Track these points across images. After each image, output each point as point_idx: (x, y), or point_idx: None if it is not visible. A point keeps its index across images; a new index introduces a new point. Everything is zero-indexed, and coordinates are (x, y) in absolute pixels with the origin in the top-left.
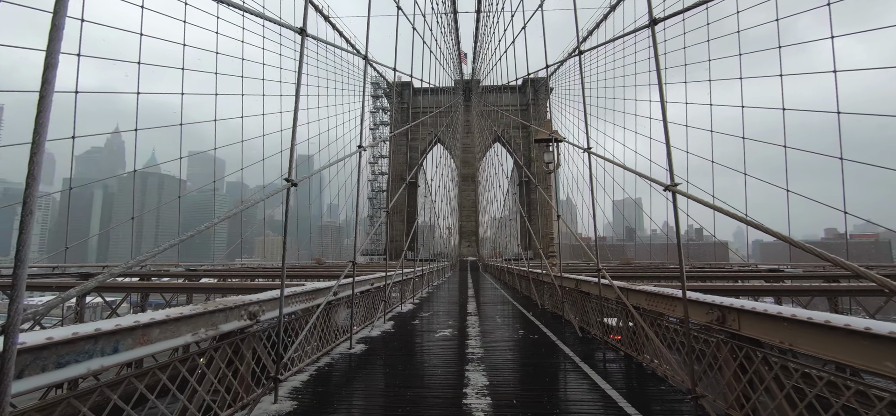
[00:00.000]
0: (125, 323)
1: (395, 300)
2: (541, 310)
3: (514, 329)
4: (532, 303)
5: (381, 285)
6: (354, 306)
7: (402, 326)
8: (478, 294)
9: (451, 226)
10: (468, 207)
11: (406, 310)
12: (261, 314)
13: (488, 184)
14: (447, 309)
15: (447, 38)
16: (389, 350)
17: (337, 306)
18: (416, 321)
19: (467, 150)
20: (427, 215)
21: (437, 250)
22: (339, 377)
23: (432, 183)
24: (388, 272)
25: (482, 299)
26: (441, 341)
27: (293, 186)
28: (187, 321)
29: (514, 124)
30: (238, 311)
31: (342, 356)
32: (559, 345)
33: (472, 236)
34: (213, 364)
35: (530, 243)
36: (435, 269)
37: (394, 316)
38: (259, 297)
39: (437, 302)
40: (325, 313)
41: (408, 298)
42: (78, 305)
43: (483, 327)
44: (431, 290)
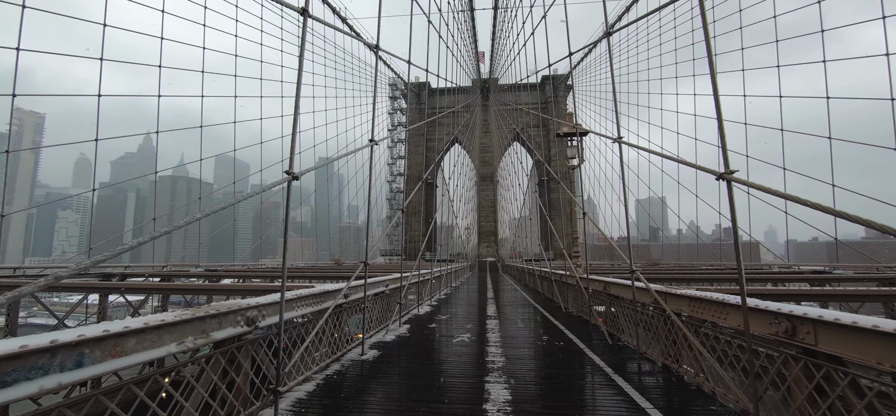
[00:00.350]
0: (91, 333)
1: (412, 303)
2: (565, 313)
3: (537, 335)
4: (555, 306)
5: (397, 286)
6: (367, 310)
7: (418, 330)
8: (497, 296)
9: (470, 226)
10: (487, 207)
11: (423, 312)
12: (260, 319)
13: (507, 183)
14: (466, 312)
15: (464, 36)
16: (403, 357)
17: (349, 310)
18: (433, 325)
19: (486, 149)
20: (445, 216)
21: (456, 251)
22: (348, 387)
23: (450, 181)
24: (403, 273)
25: (502, 300)
26: (459, 348)
27: (295, 179)
28: (171, 330)
29: (534, 122)
30: (233, 316)
31: (353, 363)
32: (587, 353)
33: (491, 237)
34: (204, 377)
35: (550, 243)
36: (453, 270)
37: (410, 319)
38: (258, 301)
39: (456, 304)
40: (336, 317)
41: (425, 299)
42: (100, 305)
43: (504, 332)
44: (450, 291)
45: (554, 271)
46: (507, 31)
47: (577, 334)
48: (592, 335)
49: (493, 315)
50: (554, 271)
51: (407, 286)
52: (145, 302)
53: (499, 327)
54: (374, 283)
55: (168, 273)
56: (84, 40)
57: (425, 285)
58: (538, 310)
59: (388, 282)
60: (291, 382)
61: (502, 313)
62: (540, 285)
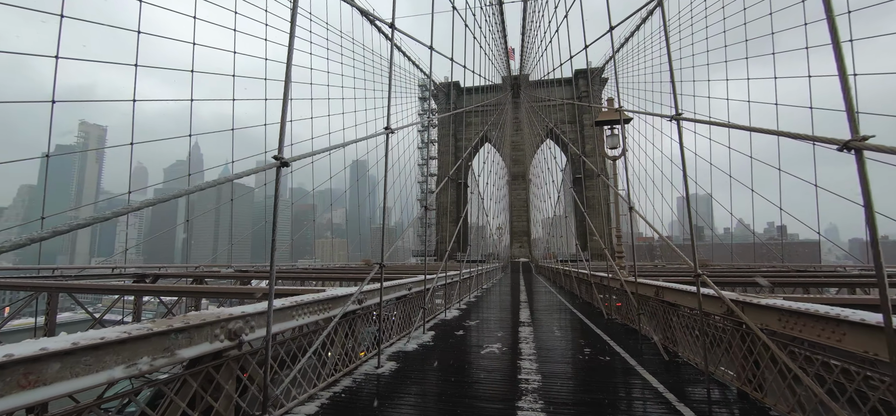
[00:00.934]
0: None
1: (439, 306)
2: (607, 321)
3: (578, 346)
4: (595, 311)
5: (421, 289)
6: (384, 316)
7: (444, 338)
8: (531, 299)
9: (502, 226)
10: (519, 206)
11: (450, 317)
12: (247, 332)
13: (539, 182)
14: (497, 317)
15: (493, 31)
16: (424, 372)
17: (364, 317)
18: (461, 332)
19: (517, 148)
20: (477, 216)
21: (488, 252)
22: (357, 408)
23: (480, 177)
24: (428, 276)
25: (536, 304)
26: (488, 361)
27: (284, 165)
28: (116, 349)
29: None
30: (209, 329)
31: (367, 379)
32: (639, 372)
33: (524, 237)
34: (172, 407)
35: (589, 242)
36: (484, 271)
37: (436, 325)
38: (244, 310)
39: (486, 308)
40: (348, 325)
41: (454, 303)
42: (135, 305)
43: (539, 342)
44: (480, 293)
45: (593, 273)
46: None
47: (624, 346)
48: (643, 349)
49: (527, 321)
50: (593, 272)
51: (432, 289)
52: (179, 302)
53: (533, 335)
54: (394, 286)
55: (200, 274)
56: (133, 52)
57: (454, 287)
58: (576, 316)
59: (411, 284)
60: (291, 402)
61: (537, 319)
62: (577, 287)
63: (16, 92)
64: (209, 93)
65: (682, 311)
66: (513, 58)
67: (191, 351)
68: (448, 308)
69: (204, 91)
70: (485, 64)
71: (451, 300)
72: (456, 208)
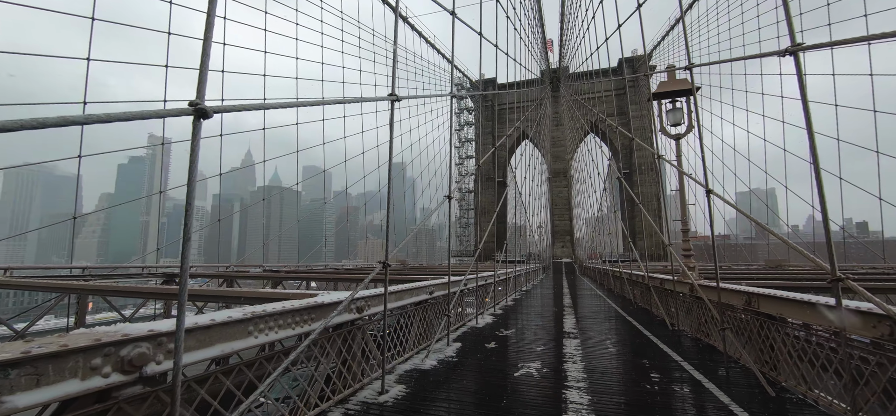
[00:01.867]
0: None
1: (470, 312)
2: (673, 333)
3: (641, 369)
4: (656, 321)
5: (445, 293)
6: (402, 325)
7: (472, 351)
8: (576, 303)
9: (543, 224)
10: (561, 204)
11: (482, 324)
12: (151, 363)
13: (582, 174)
14: (537, 325)
15: (531, 22)
16: (437, 400)
17: (364, 328)
18: (492, 344)
19: (557, 143)
20: (516, 215)
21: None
22: None
23: (516, 170)
24: (454, 277)
25: (582, 310)
26: (525, 388)
27: (203, 117)
28: None
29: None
30: (77, 360)
31: (364, 410)
32: (736, 413)
33: (567, 236)
34: None
35: (645, 241)
36: (524, 272)
37: (464, 334)
38: (154, 327)
39: (525, 314)
40: (345, 339)
41: (488, 306)
42: (165, 306)
43: (589, 362)
44: (519, 296)
45: (651, 275)
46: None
47: (705, 370)
48: (732, 376)
49: (573, 332)
50: (651, 274)
51: (458, 294)
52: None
53: (581, 351)
54: (406, 290)
55: (230, 274)
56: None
57: (487, 290)
58: (632, 325)
59: (433, 287)
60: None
61: (584, 329)
62: (630, 291)
63: (90, 106)
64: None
65: (787, 330)
66: (551, 50)
67: (43, 394)
68: (481, 313)
69: (244, 95)
70: (524, 56)
71: (484, 305)
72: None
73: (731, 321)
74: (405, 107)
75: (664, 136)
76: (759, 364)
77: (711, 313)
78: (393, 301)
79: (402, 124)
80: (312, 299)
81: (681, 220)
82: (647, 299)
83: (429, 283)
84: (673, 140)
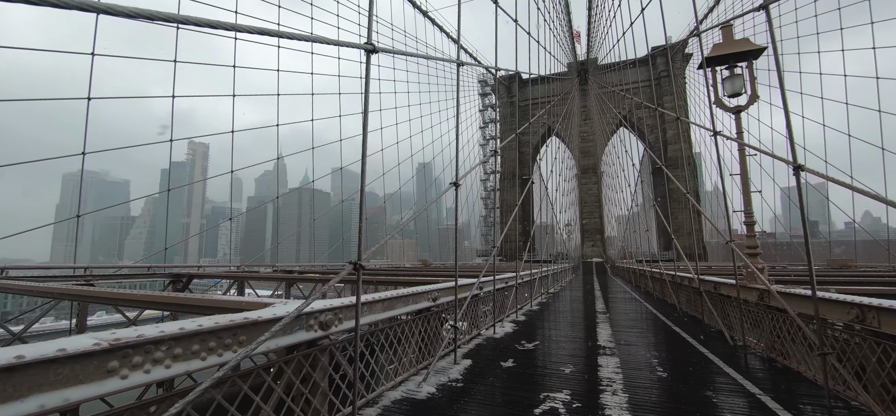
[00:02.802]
0: None
1: (487, 315)
2: (733, 348)
3: (707, 404)
4: (712, 334)
5: (451, 299)
6: (400, 338)
7: (482, 373)
8: (610, 308)
9: (571, 222)
10: (590, 201)
11: (500, 334)
12: None
13: (613, 172)
14: (565, 336)
15: (559, 14)
16: None
17: (332, 349)
18: (509, 363)
19: (586, 139)
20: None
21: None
22: None
23: (541, 161)
24: (462, 280)
25: (618, 317)
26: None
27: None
28: None
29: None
30: None
31: None
32: None
33: (597, 235)
34: None
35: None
36: (551, 272)
37: (478, 347)
38: None
39: (551, 321)
40: (298, 368)
41: (509, 312)
42: None
43: (635, 392)
44: (546, 299)
45: (703, 278)
46: None
47: (790, 407)
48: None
49: (609, 346)
50: (704, 276)
51: (469, 300)
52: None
53: (622, 375)
54: (397, 298)
55: (240, 275)
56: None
57: (507, 294)
58: (683, 340)
59: (436, 292)
60: None
61: (623, 343)
62: (675, 295)
63: (134, 119)
64: (289, 110)
65: None
66: (578, 41)
67: None
68: (501, 320)
69: (284, 112)
70: (552, 48)
71: (504, 310)
72: (521, 206)
73: (830, 342)
74: (426, 103)
75: (720, 109)
76: (882, 407)
77: (798, 329)
78: (378, 312)
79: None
80: (239, 315)
81: (744, 210)
82: (697, 305)
83: (432, 288)
84: (732, 114)
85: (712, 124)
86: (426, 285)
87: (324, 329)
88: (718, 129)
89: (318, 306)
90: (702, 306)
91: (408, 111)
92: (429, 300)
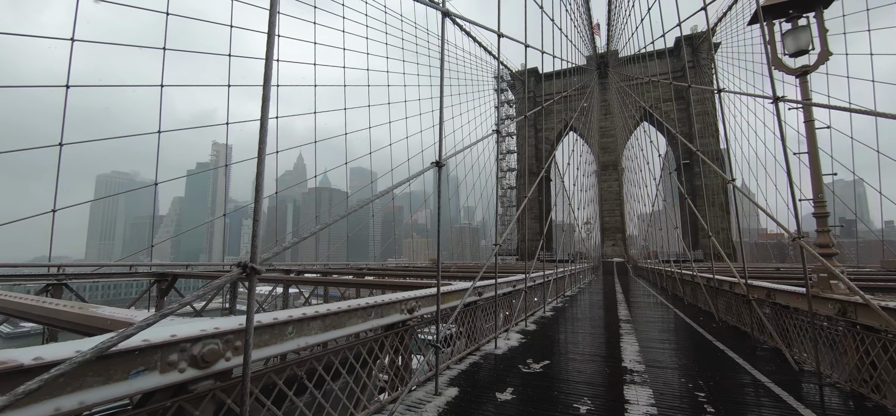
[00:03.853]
0: None
1: (491, 330)
2: (801, 376)
3: None
4: (760, 348)
5: (432, 310)
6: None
7: (467, 412)
8: (634, 315)
9: (591, 220)
10: (611, 199)
11: (503, 350)
12: None
13: (634, 166)
14: (582, 354)
15: (579, 6)
16: None
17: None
18: (508, 395)
19: (606, 134)
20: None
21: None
22: None
23: (559, 155)
24: (455, 287)
25: (644, 327)
26: None
27: None
28: None
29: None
30: None
31: None
32: None
33: (617, 234)
34: None
35: (699, 239)
36: (567, 274)
37: (473, 367)
38: None
39: (566, 332)
40: None
41: (517, 321)
42: None
43: None
44: (561, 304)
45: (751, 282)
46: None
47: None
48: None
49: (638, 369)
50: (752, 280)
51: (459, 309)
52: None
53: (658, 412)
54: (348, 312)
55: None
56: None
57: (514, 300)
58: (732, 361)
59: (415, 302)
60: None
61: (655, 364)
62: (710, 301)
63: (156, 118)
64: (302, 106)
65: None
66: (598, 34)
67: None
68: (506, 330)
69: (295, 106)
70: (567, 46)
71: (511, 319)
72: (538, 205)
73: None
74: (450, 106)
75: (779, 71)
76: None
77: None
78: (316, 332)
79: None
80: None
81: (814, 199)
82: (740, 314)
83: (408, 295)
84: (795, 76)
85: (773, 88)
86: (389, 296)
87: (181, 374)
88: (780, 94)
89: (180, 332)
90: (750, 318)
91: (419, 105)
92: (403, 313)
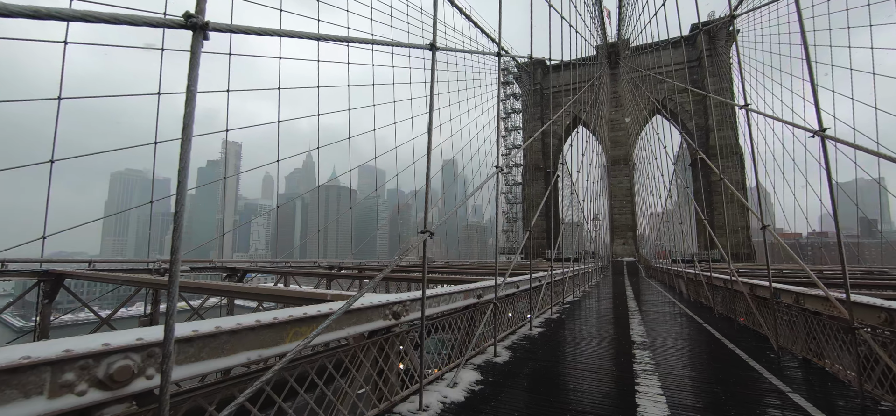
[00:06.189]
0: None
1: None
2: (864, 404)
3: None
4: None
5: (423, 318)
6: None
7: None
8: (649, 328)
9: (599, 215)
10: (621, 196)
11: (504, 358)
12: None
13: (646, 157)
14: (588, 378)
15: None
16: None
17: None
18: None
19: (617, 126)
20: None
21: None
22: None
23: (569, 151)
24: (433, 292)
25: (660, 336)
26: None
27: None
28: None
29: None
30: None
31: None
32: None
33: (628, 232)
34: None
35: (716, 238)
36: (570, 275)
37: (466, 378)
38: None
39: (568, 349)
40: None
41: (520, 324)
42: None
43: None
44: (565, 307)
45: (785, 287)
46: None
47: None
48: None
49: (656, 395)
50: (786, 285)
51: (463, 311)
52: None
53: None
54: (314, 317)
55: (287, 271)
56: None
57: (509, 304)
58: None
59: (395, 308)
60: None
61: (680, 393)
62: (726, 305)
63: (165, 118)
64: (305, 106)
65: None
66: (608, 21)
67: None
68: (504, 338)
69: (300, 107)
70: (581, 30)
71: (513, 322)
72: (545, 202)
73: None
74: (450, 103)
75: None
76: None
77: None
78: (268, 345)
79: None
80: None
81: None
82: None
83: (389, 299)
84: None
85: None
86: (366, 299)
87: None
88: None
89: None
90: (771, 322)
91: (424, 102)
92: (389, 318)
